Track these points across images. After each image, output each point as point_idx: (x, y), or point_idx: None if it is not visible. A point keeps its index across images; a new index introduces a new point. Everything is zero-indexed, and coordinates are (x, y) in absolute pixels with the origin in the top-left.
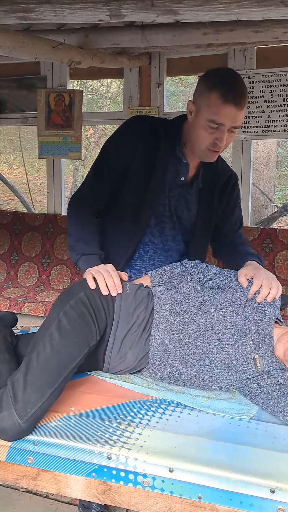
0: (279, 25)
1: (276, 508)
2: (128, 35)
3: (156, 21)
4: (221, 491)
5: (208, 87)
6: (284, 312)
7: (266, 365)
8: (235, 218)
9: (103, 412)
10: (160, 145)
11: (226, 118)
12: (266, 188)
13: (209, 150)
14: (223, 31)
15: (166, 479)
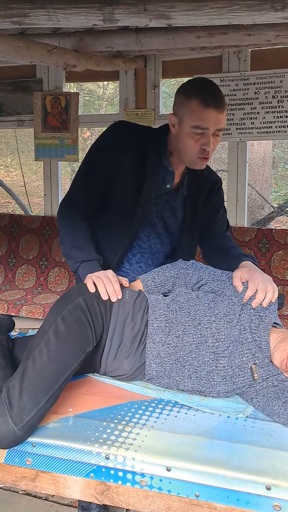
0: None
1: (272, 505)
2: (123, 38)
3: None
4: (218, 489)
5: (187, 97)
6: (282, 312)
7: (263, 374)
8: (220, 219)
9: (101, 412)
10: (148, 153)
11: (210, 122)
12: (262, 189)
13: (198, 158)
14: (216, 34)
15: (164, 478)
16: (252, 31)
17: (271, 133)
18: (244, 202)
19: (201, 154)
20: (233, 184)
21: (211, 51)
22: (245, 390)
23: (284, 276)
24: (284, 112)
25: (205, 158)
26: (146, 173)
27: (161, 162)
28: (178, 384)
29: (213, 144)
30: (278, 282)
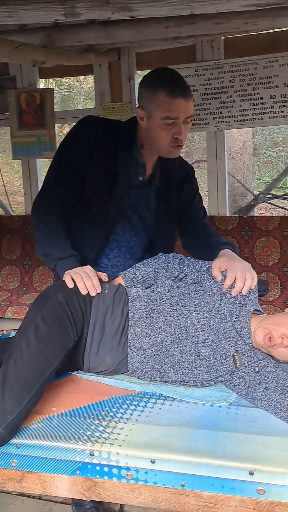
0: (238, 17)
1: (256, 489)
2: (91, 32)
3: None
4: (203, 478)
5: (153, 89)
6: (266, 298)
7: (245, 361)
8: (196, 207)
9: (85, 410)
10: (118, 146)
11: (179, 111)
12: (244, 177)
13: (172, 147)
14: (185, 24)
15: (149, 471)
16: (220, 20)
17: (248, 121)
18: (225, 191)
19: (174, 143)
20: (213, 174)
21: (184, 41)
22: (228, 377)
23: (267, 263)
24: (259, 99)
25: (179, 146)
26: (118, 167)
27: (131, 155)
28: (162, 375)
29: (184, 132)
30: (262, 269)
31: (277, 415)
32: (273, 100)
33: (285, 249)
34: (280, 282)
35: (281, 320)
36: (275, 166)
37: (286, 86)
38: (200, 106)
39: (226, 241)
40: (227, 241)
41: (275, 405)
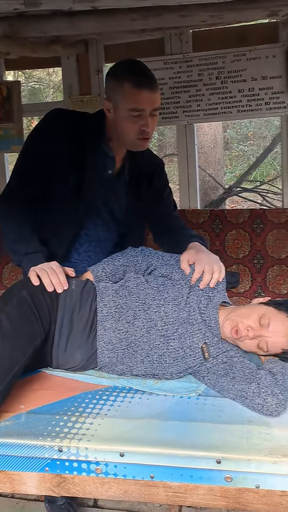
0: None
1: (224, 477)
2: (55, 22)
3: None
4: (172, 468)
5: (118, 80)
6: (237, 290)
7: (214, 352)
8: (166, 200)
9: (53, 406)
10: (86, 139)
11: (145, 103)
12: (215, 170)
13: (139, 139)
14: (151, 16)
15: (119, 464)
16: (186, 12)
17: (217, 114)
18: (196, 184)
19: (141, 135)
20: (184, 167)
21: (152, 34)
22: (197, 369)
23: (238, 255)
24: (228, 93)
25: (146, 139)
26: (86, 161)
27: (100, 148)
28: (132, 369)
29: (151, 125)
30: (233, 261)
31: (244, 403)
32: (241, 94)
33: (254, 241)
34: (251, 274)
35: (248, 312)
36: (246, 160)
37: (253, 80)
38: (169, 100)
39: (196, 233)
40: (196, 234)
41: (242, 394)
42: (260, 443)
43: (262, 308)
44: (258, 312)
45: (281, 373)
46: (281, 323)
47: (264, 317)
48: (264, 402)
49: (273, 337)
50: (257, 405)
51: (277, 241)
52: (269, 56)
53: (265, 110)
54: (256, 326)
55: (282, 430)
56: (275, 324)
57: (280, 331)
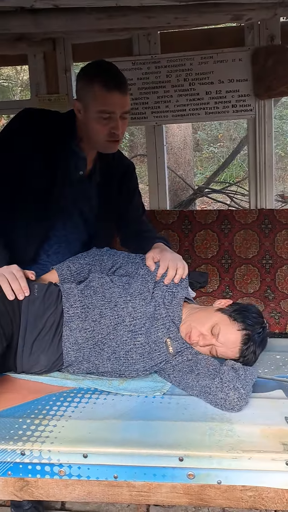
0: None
1: (186, 474)
2: (18, 20)
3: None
4: (135, 468)
5: (89, 82)
6: (206, 289)
7: (177, 347)
8: (135, 204)
9: (17, 409)
10: (57, 140)
11: (115, 106)
12: (185, 172)
13: (108, 141)
14: (116, 16)
15: (82, 465)
16: (151, 13)
17: (186, 116)
18: (165, 185)
19: (111, 138)
20: (153, 168)
21: (119, 34)
22: (162, 366)
23: (207, 255)
24: (196, 95)
25: (116, 141)
26: (57, 162)
27: (71, 149)
28: (98, 367)
29: (121, 127)
30: (201, 261)
31: (207, 399)
32: (209, 96)
33: (222, 241)
34: (219, 273)
35: (203, 319)
36: (216, 161)
37: (221, 83)
38: (138, 100)
39: (160, 235)
40: (160, 236)
41: (205, 390)
42: (222, 440)
43: (217, 316)
44: (212, 320)
45: (243, 369)
46: (231, 335)
47: (216, 327)
48: (227, 397)
49: (222, 347)
50: (220, 400)
51: (244, 241)
52: (236, 60)
53: (232, 113)
54: (207, 335)
55: (243, 426)
56: (224, 335)
57: (230, 341)
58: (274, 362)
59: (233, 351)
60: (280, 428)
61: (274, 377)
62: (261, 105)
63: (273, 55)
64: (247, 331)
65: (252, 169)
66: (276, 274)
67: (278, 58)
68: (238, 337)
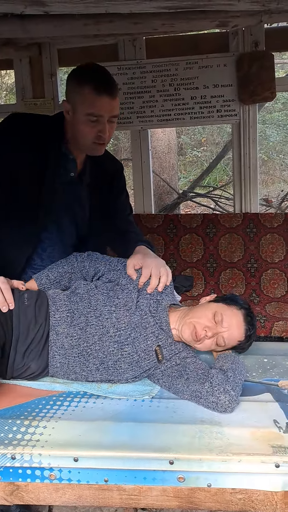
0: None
1: (177, 477)
2: (7, 25)
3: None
4: (126, 471)
5: (79, 84)
6: (191, 293)
7: (167, 354)
8: (123, 204)
9: (5, 412)
10: (46, 144)
11: (103, 109)
12: (170, 176)
13: (94, 143)
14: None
15: (73, 469)
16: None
17: (171, 120)
18: (150, 189)
19: (98, 140)
20: (138, 172)
21: (105, 39)
22: (151, 372)
23: (192, 259)
24: (181, 100)
25: (102, 144)
26: (47, 165)
27: (60, 151)
28: (87, 377)
29: (109, 131)
30: (187, 265)
31: (199, 403)
32: (193, 101)
33: (207, 245)
34: (204, 277)
35: (201, 313)
36: (200, 165)
37: (205, 88)
38: (123, 105)
39: (143, 238)
40: (144, 238)
41: (196, 394)
42: (212, 442)
43: (213, 306)
44: (211, 310)
45: (231, 370)
46: (234, 316)
47: (217, 314)
48: (218, 400)
49: (228, 331)
50: (211, 403)
51: (229, 245)
52: (221, 65)
53: (217, 117)
54: (212, 325)
55: (232, 429)
56: (228, 319)
57: (234, 324)
58: (262, 366)
59: (240, 332)
60: (269, 431)
61: (262, 380)
62: (246, 110)
63: (257, 61)
64: (245, 310)
65: (236, 173)
66: (261, 278)
67: (262, 64)
68: (240, 316)
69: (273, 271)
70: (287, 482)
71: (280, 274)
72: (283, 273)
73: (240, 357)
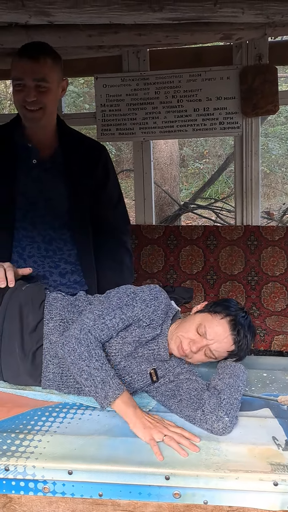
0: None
1: (172, 493)
2: (12, 35)
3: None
4: (121, 486)
5: (13, 57)
6: (191, 305)
7: (161, 372)
8: (109, 192)
9: (1, 424)
10: (3, 140)
11: (23, 72)
12: (171, 187)
13: (25, 110)
14: (107, 33)
15: (67, 482)
16: (142, 31)
17: (173, 132)
18: (152, 200)
19: (26, 105)
20: (140, 183)
21: (109, 51)
22: (145, 389)
23: (192, 271)
24: (184, 111)
25: (31, 111)
26: (3, 159)
27: (18, 143)
28: (80, 391)
29: (39, 98)
30: (187, 277)
31: (194, 425)
32: (196, 113)
33: (208, 257)
34: (204, 289)
35: (186, 326)
36: (201, 177)
37: (208, 100)
38: (126, 116)
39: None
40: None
41: (190, 419)
42: (209, 458)
43: (198, 318)
44: (195, 322)
45: (227, 388)
46: (218, 326)
47: (200, 327)
48: (212, 428)
49: (215, 342)
50: (206, 429)
51: (230, 257)
52: (224, 78)
53: (219, 130)
54: (197, 338)
55: (230, 445)
56: (211, 330)
57: (219, 334)
58: (261, 380)
59: (227, 342)
60: (267, 448)
61: (261, 395)
62: (248, 123)
63: (261, 74)
64: (231, 317)
65: (238, 186)
66: (262, 291)
67: (265, 77)
68: (225, 325)
69: (273, 284)
70: (285, 501)
71: (280, 288)
72: (284, 286)
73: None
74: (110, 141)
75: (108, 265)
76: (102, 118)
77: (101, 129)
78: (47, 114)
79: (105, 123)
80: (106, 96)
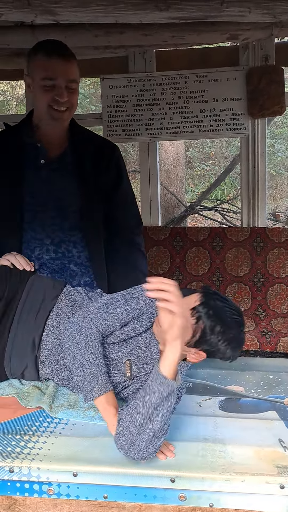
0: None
1: (178, 496)
2: (18, 35)
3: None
4: (126, 488)
5: (34, 53)
6: None
7: (136, 372)
8: (123, 192)
9: (6, 425)
10: (13, 143)
11: (56, 72)
12: (177, 189)
13: (52, 110)
14: (113, 33)
15: (71, 484)
16: (148, 31)
17: (179, 133)
18: (158, 201)
19: (54, 105)
20: (145, 184)
21: (115, 51)
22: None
23: (198, 272)
24: (190, 112)
25: (59, 111)
26: (11, 160)
27: (27, 143)
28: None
29: (69, 99)
30: (192, 278)
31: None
32: (203, 114)
33: (214, 259)
34: None
35: None
36: (208, 179)
37: (215, 101)
38: (132, 117)
39: (142, 269)
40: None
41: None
42: (214, 461)
43: None
44: None
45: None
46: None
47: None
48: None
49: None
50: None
51: (236, 259)
52: (230, 79)
53: (225, 131)
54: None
55: (236, 447)
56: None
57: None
58: (267, 382)
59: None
60: (274, 450)
61: (267, 397)
62: (255, 124)
63: (267, 75)
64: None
65: (244, 187)
66: (268, 293)
67: (272, 78)
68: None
69: (279, 286)
70: None
71: (286, 289)
72: None
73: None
74: (116, 142)
75: (121, 270)
76: (108, 119)
77: (107, 130)
78: (71, 114)
79: (111, 124)
80: (112, 97)
